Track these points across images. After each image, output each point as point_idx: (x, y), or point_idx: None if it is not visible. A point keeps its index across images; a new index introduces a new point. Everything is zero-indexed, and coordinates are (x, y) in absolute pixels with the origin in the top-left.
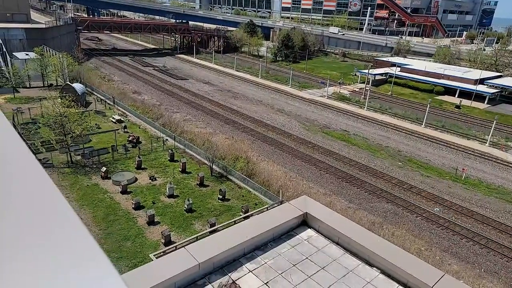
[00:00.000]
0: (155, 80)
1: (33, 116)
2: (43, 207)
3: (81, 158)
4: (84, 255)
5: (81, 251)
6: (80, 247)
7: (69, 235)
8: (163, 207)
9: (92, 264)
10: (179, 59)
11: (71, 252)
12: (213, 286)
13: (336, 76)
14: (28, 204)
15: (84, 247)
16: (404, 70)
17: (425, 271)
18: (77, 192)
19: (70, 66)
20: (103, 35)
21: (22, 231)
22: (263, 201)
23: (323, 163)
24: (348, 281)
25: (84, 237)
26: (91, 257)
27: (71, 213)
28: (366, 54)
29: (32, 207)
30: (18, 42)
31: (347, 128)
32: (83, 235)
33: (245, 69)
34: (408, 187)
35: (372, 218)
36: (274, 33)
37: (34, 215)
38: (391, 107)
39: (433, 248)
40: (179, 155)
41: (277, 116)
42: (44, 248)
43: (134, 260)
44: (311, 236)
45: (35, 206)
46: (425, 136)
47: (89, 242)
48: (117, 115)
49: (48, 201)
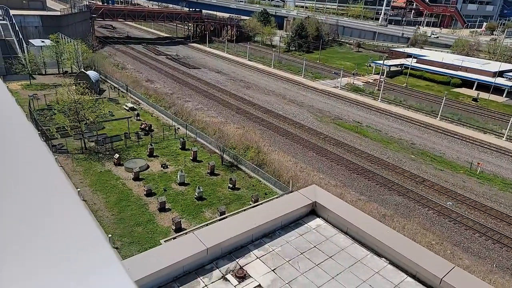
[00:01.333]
0: (168, 69)
1: (48, 103)
2: (48, 190)
3: (95, 145)
4: (85, 237)
5: (82, 233)
6: (81, 229)
7: (73, 220)
8: (174, 195)
9: (93, 248)
10: (192, 48)
11: (72, 234)
12: (221, 271)
13: (350, 66)
14: (33, 187)
15: (85, 230)
16: (420, 62)
17: (434, 263)
18: (90, 178)
19: (85, 54)
20: (117, 23)
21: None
22: (273, 191)
23: (334, 154)
24: (356, 270)
25: (86, 220)
26: (92, 240)
27: (74, 196)
28: (382, 44)
29: (36, 189)
30: (34, 29)
31: (359, 119)
32: (85, 219)
33: (257, 58)
34: (421, 180)
35: (383, 210)
36: (287, 22)
37: (37, 195)
38: (406, 99)
39: (444, 242)
40: (190, 144)
41: (289, 106)
42: (46, 231)
43: (145, 245)
44: (320, 225)
45: (39, 189)
46: (440, 129)
47: (90, 225)
48: (130, 103)
49: (53, 185)
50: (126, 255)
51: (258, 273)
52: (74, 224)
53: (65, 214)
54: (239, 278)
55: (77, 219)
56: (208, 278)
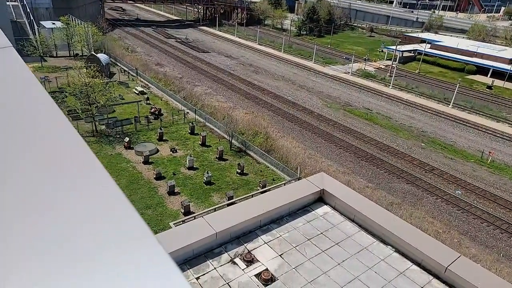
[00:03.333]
0: (177, 52)
1: (60, 85)
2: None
3: (105, 128)
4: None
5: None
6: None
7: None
8: (183, 179)
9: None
10: (202, 31)
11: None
12: (229, 254)
13: (361, 52)
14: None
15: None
16: (434, 47)
17: (440, 251)
18: (101, 161)
19: (95, 36)
20: (127, 5)
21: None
22: (281, 177)
23: (343, 141)
24: (362, 257)
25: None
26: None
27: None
28: (395, 29)
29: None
30: (45, 10)
31: (370, 106)
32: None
33: (267, 42)
34: (430, 169)
35: (391, 198)
36: (299, 6)
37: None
38: (418, 86)
39: (451, 231)
40: (199, 129)
41: (299, 92)
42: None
43: (155, 227)
44: (327, 212)
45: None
46: (452, 117)
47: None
48: (140, 86)
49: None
50: None
51: (265, 258)
52: (109, 202)
53: (98, 191)
54: (247, 262)
55: (111, 196)
56: (217, 261)
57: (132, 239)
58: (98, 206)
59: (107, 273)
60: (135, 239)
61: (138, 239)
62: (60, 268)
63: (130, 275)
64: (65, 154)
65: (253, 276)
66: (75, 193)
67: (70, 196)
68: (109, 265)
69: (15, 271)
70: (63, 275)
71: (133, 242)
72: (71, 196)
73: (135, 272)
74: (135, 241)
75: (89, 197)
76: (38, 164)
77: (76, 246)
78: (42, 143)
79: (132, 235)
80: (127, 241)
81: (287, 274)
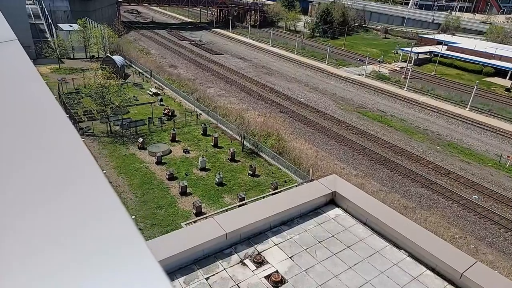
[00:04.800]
0: (191, 54)
1: (76, 86)
2: (76, 171)
3: (120, 128)
4: (111, 216)
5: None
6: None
7: (100, 201)
8: (195, 179)
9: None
10: (215, 33)
11: (100, 215)
12: (239, 255)
13: (376, 53)
14: (62, 166)
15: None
16: (450, 49)
17: (455, 257)
18: (115, 161)
19: (111, 39)
20: (142, 8)
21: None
22: (293, 179)
23: (356, 143)
24: (374, 261)
25: (112, 201)
26: (117, 220)
27: (101, 177)
28: (411, 30)
29: (64, 168)
30: (63, 13)
31: (384, 108)
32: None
33: (280, 44)
34: (446, 173)
35: (405, 202)
36: (313, 7)
37: (65, 174)
38: (434, 88)
39: (467, 237)
40: (211, 130)
41: (312, 94)
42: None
43: (167, 227)
44: (339, 215)
45: (67, 168)
46: (469, 120)
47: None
48: (154, 88)
49: (81, 166)
50: (149, 237)
51: (275, 259)
52: (102, 205)
53: (91, 194)
54: (257, 264)
55: (105, 200)
56: (227, 262)
57: (121, 245)
58: (87, 208)
59: (94, 279)
60: (124, 244)
61: (127, 245)
62: (46, 273)
63: (116, 282)
64: (57, 153)
65: (263, 278)
66: (65, 194)
67: (59, 197)
68: (96, 270)
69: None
70: (50, 279)
71: (122, 248)
72: (60, 197)
73: (121, 278)
74: (124, 247)
75: (79, 197)
76: (27, 161)
77: (60, 251)
78: (33, 138)
79: (122, 240)
80: (116, 246)
81: (297, 277)
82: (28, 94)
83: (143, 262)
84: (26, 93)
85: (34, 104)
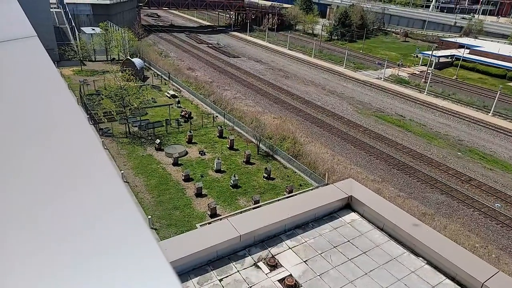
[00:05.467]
0: (208, 57)
1: (97, 88)
2: (91, 171)
3: (138, 130)
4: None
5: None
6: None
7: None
8: (211, 181)
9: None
10: (233, 36)
11: (113, 215)
12: (253, 258)
13: (395, 57)
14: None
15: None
16: (473, 53)
17: (476, 266)
18: (133, 161)
19: (131, 42)
20: (161, 11)
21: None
22: (308, 183)
23: (373, 148)
24: (391, 268)
25: (126, 201)
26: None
27: (116, 177)
28: (431, 34)
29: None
30: (86, 17)
31: (403, 113)
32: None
33: (298, 47)
34: (467, 179)
35: (424, 209)
36: (331, 11)
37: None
38: (455, 93)
39: (489, 246)
40: (227, 132)
41: (328, 97)
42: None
43: (182, 228)
44: (355, 219)
45: (85, 171)
46: (492, 126)
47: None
48: (172, 90)
49: (97, 166)
50: (164, 237)
51: (289, 263)
52: (114, 204)
53: (106, 194)
54: (270, 267)
55: (118, 200)
56: (240, 264)
57: (132, 244)
58: (99, 206)
59: (101, 277)
60: (135, 244)
61: (138, 244)
62: (54, 269)
63: (125, 280)
64: (71, 149)
65: (277, 281)
66: (77, 191)
67: (70, 194)
68: (104, 269)
69: (10, 272)
70: (58, 276)
71: (132, 246)
72: (71, 194)
73: (130, 277)
74: (134, 246)
75: (90, 196)
76: (40, 156)
77: (71, 248)
78: (48, 133)
79: (132, 239)
80: (126, 245)
81: (311, 281)
82: (44, 88)
83: (153, 262)
84: (43, 88)
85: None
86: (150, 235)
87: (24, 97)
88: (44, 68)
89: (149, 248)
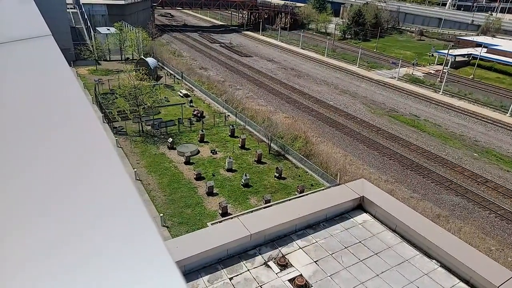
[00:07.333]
0: (221, 57)
1: (111, 87)
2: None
3: (151, 128)
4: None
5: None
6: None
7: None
8: (222, 180)
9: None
10: (245, 36)
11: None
12: (263, 257)
13: (409, 56)
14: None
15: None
16: (491, 52)
17: (491, 269)
18: (146, 160)
19: (145, 41)
20: (175, 11)
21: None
22: (320, 183)
23: (387, 148)
24: (403, 270)
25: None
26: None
27: (127, 178)
28: (448, 32)
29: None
30: (101, 17)
31: (417, 113)
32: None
33: (310, 47)
34: (483, 181)
35: (438, 210)
36: (344, 9)
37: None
38: (471, 92)
39: (505, 249)
40: (239, 131)
41: (341, 97)
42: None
43: (193, 226)
44: (367, 220)
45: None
46: (510, 126)
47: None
48: (184, 89)
49: (109, 167)
50: (176, 234)
51: (300, 263)
52: (121, 203)
53: (113, 193)
54: (281, 266)
55: (125, 198)
56: (250, 263)
57: (138, 242)
58: (106, 204)
59: (107, 274)
60: (141, 242)
61: (144, 242)
62: (59, 267)
63: (130, 277)
64: (80, 147)
65: (287, 281)
66: (85, 189)
67: (77, 192)
68: (110, 267)
69: (17, 271)
70: (63, 275)
71: (138, 245)
72: (78, 192)
73: (135, 274)
74: (140, 244)
75: (97, 194)
76: (51, 154)
77: (76, 245)
78: (59, 131)
79: (138, 238)
80: (132, 243)
81: (322, 282)
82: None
83: (159, 260)
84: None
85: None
86: (157, 233)
87: (36, 95)
88: (57, 66)
89: (155, 246)
